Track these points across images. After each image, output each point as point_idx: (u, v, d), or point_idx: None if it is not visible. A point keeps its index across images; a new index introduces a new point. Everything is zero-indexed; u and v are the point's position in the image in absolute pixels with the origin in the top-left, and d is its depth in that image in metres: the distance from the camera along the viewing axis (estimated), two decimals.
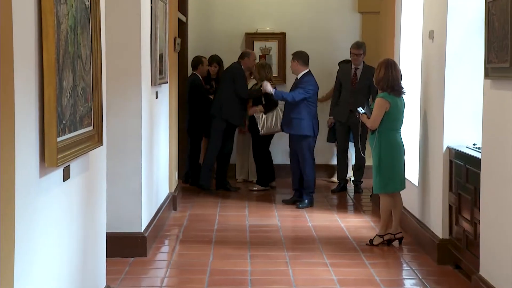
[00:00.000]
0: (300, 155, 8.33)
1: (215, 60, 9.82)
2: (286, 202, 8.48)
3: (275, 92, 8.41)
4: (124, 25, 5.85)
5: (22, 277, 2.90)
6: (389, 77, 6.38)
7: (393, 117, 6.42)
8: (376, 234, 6.54)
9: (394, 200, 6.54)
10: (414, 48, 7.21)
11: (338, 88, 9.28)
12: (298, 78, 8.38)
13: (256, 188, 9.41)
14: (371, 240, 6.51)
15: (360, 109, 6.59)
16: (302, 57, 8.41)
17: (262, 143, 9.39)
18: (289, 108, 8.37)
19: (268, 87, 8.42)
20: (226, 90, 9.13)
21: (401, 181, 6.51)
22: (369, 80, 8.58)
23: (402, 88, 6.45)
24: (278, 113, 9.12)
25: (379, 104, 6.39)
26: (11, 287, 2.79)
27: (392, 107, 6.38)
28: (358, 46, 9.06)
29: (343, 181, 9.36)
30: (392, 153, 6.43)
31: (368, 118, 6.47)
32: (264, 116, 9.18)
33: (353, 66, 9.11)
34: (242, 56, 9.33)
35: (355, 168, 9.36)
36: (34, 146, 3.03)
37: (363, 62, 9.09)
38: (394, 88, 6.38)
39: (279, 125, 8.98)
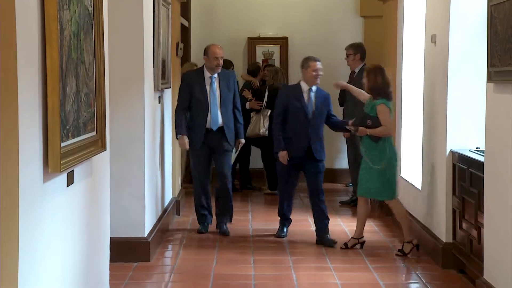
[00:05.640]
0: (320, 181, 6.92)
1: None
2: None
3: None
4: (127, 31, 5.87)
5: (26, 282, 2.90)
6: (386, 83, 6.39)
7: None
8: (404, 242, 6.33)
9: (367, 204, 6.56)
10: (416, 52, 7.21)
11: None
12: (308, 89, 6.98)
13: (265, 192, 9.48)
14: (401, 250, 6.29)
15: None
16: None
17: (270, 149, 9.29)
18: (319, 132, 6.85)
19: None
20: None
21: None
22: (356, 84, 8.41)
23: (391, 93, 6.49)
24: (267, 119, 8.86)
25: (385, 110, 6.32)
26: None
27: (391, 113, 6.42)
28: (346, 47, 8.58)
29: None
30: (396, 158, 6.49)
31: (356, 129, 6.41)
32: (254, 118, 9.10)
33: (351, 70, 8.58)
34: (205, 51, 7.20)
35: None
36: (37, 152, 3.03)
37: (365, 64, 8.41)
38: (388, 94, 6.41)
39: (265, 130, 8.84)
